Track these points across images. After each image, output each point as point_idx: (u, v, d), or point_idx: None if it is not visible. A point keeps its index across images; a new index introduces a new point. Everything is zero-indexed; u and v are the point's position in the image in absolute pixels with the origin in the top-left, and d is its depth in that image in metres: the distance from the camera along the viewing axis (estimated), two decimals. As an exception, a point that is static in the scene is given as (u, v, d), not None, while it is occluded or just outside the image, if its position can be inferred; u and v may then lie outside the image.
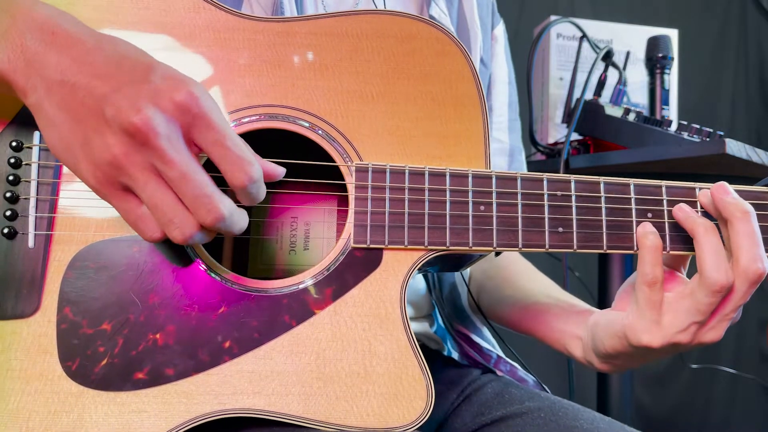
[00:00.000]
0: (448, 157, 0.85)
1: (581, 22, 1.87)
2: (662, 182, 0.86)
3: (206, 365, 0.77)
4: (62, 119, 0.68)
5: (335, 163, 0.83)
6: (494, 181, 0.84)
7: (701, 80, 3.20)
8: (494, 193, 0.83)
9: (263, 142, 0.81)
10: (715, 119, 3.25)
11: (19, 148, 0.79)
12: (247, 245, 0.97)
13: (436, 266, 0.93)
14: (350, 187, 0.82)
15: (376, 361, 0.78)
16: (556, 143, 1.83)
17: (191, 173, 0.67)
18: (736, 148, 1.37)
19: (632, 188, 0.86)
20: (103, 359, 0.76)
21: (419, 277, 1.13)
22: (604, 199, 0.85)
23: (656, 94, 1.79)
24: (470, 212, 0.83)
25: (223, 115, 0.69)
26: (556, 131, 1.94)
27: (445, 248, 0.82)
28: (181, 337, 0.77)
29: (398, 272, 0.81)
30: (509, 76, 1.28)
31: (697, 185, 0.87)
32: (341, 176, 0.83)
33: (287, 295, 0.80)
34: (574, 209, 0.84)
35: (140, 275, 0.78)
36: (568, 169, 1.64)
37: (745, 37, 3.35)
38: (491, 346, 1.16)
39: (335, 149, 0.83)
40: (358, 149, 0.83)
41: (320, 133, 0.84)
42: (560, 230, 0.84)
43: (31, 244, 0.78)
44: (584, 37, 1.84)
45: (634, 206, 0.85)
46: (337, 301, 0.80)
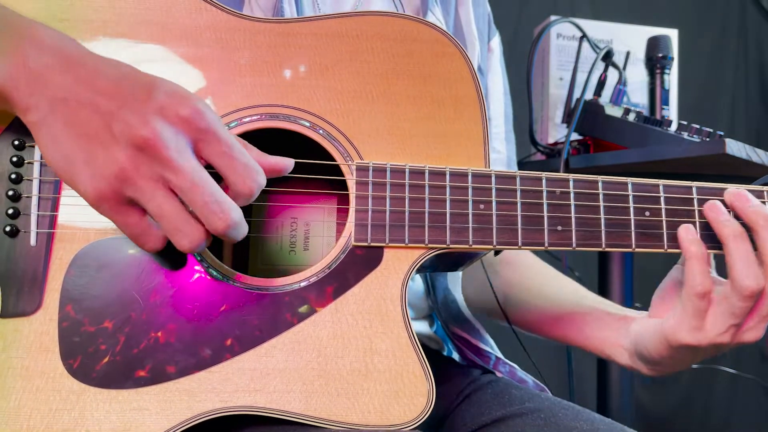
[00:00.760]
0: (447, 156, 0.85)
1: (581, 22, 1.87)
2: (659, 181, 0.87)
3: (208, 363, 0.77)
4: (66, 136, 0.69)
5: (336, 162, 0.84)
6: (494, 179, 0.84)
7: (701, 80, 3.20)
8: (494, 191, 0.84)
9: (264, 141, 0.81)
10: (715, 119, 3.25)
11: (21, 146, 0.79)
12: (247, 245, 0.97)
13: (436, 265, 0.93)
14: (351, 185, 0.83)
15: (377, 358, 0.79)
16: (556, 143, 1.84)
17: (202, 182, 0.69)
18: (736, 148, 1.37)
19: (630, 187, 0.86)
20: (104, 357, 0.76)
21: (418, 279, 1.13)
22: (602, 197, 0.85)
23: (656, 94, 1.80)
24: (470, 210, 0.83)
25: (225, 127, 0.71)
26: (556, 131, 1.94)
27: (445, 246, 0.83)
28: (182, 335, 0.78)
29: (399, 270, 0.82)
30: (505, 88, 1.29)
31: (694, 184, 0.87)
32: (342, 176, 0.84)
33: (289, 293, 0.80)
34: (572, 207, 0.85)
35: (142, 273, 0.79)
36: (568, 169, 1.64)
37: (745, 37, 3.35)
38: (490, 347, 1.17)
39: (336, 148, 0.83)
40: (358, 148, 0.84)
41: (321, 132, 0.84)
42: (559, 228, 0.84)
43: (33, 242, 0.78)
44: (584, 37, 1.84)
45: (632, 204, 0.86)
46: (338, 299, 0.80)
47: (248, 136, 0.80)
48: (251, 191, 0.71)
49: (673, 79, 1.85)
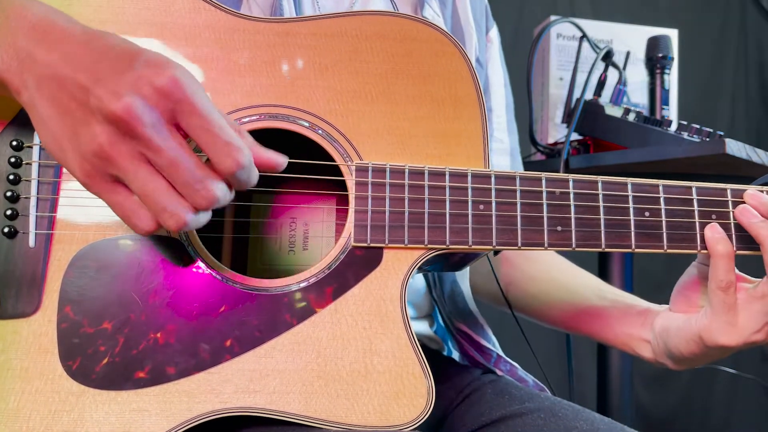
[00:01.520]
0: (447, 156, 0.85)
1: (581, 22, 1.87)
2: (659, 181, 0.87)
3: (207, 364, 0.77)
4: (52, 114, 0.67)
5: (335, 162, 0.83)
6: (493, 180, 0.84)
7: (701, 80, 3.20)
8: (493, 191, 0.84)
9: (263, 142, 0.81)
10: (715, 119, 3.25)
11: (19, 147, 0.79)
12: (246, 245, 0.97)
13: (435, 265, 0.93)
14: (350, 186, 0.83)
15: (376, 359, 0.79)
16: (556, 143, 1.83)
17: (180, 158, 0.66)
18: (736, 148, 1.37)
19: (630, 187, 0.86)
20: (103, 358, 0.76)
21: (419, 277, 1.13)
22: (602, 197, 0.85)
23: (656, 94, 1.79)
24: (470, 211, 0.83)
25: (208, 99, 0.68)
26: (556, 131, 1.94)
27: (444, 247, 0.82)
28: (182, 335, 0.78)
29: (398, 271, 0.81)
30: (504, 78, 1.29)
31: (694, 184, 0.87)
32: (341, 176, 0.83)
33: (288, 293, 0.80)
34: (572, 208, 0.85)
35: (141, 274, 0.78)
36: (568, 169, 1.64)
37: (745, 37, 3.35)
38: (492, 345, 1.16)
39: (335, 149, 0.83)
40: (358, 149, 0.83)
41: (320, 132, 0.84)
42: (559, 229, 0.84)
43: (31, 243, 0.78)
44: (584, 37, 1.83)
45: (631, 205, 0.86)
46: (337, 299, 0.80)
47: (247, 136, 0.80)
48: (230, 169, 0.67)
49: (673, 79, 1.85)
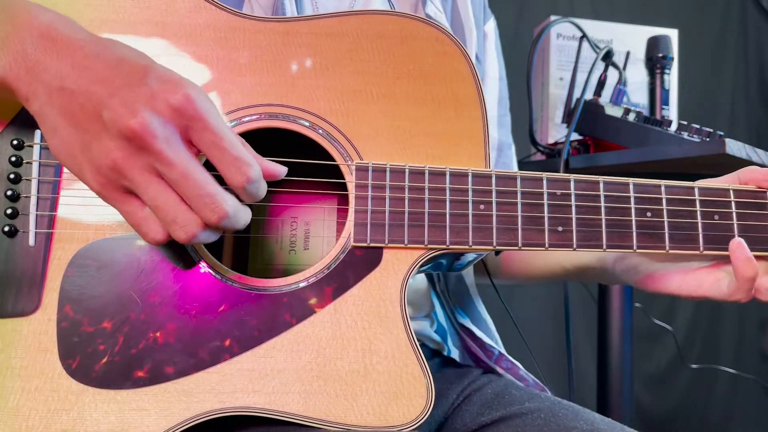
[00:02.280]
0: (448, 156, 0.85)
1: (581, 22, 1.87)
2: (661, 181, 0.87)
3: (206, 363, 0.77)
4: (63, 125, 0.68)
5: (336, 162, 0.83)
6: (494, 180, 0.84)
7: (701, 80, 3.21)
8: (494, 191, 0.84)
9: (263, 141, 0.81)
10: (715, 119, 3.25)
11: (20, 146, 0.79)
12: (247, 245, 0.97)
13: (435, 266, 0.93)
14: (350, 185, 0.83)
15: (376, 359, 0.79)
16: (556, 143, 1.83)
17: (192, 173, 0.67)
18: (736, 148, 1.37)
19: (631, 187, 0.86)
20: (103, 357, 0.76)
21: (419, 276, 1.13)
22: (603, 198, 0.85)
23: (656, 94, 1.79)
24: (470, 211, 0.83)
25: (220, 116, 0.69)
26: (556, 131, 1.94)
27: (445, 247, 0.82)
28: (181, 335, 0.78)
29: (398, 271, 0.81)
30: (500, 72, 1.29)
31: (696, 184, 0.87)
32: (342, 176, 0.83)
33: (287, 293, 0.80)
34: (573, 208, 0.85)
35: (141, 273, 0.78)
36: (568, 169, 1.64)
37: (745, 37, 3.35)
38: (494, 341, 1.17)
39: (335, 148, 0.83)
40: (358, 148, 0.83)
41: (321, 132, 0.84)
42: (560, 229, 0.84)
43: (31, 242, 0.78)
44: (584, 37, 1.83)
45: (633, 205, 0.85)
46: (337, 299, 0.80)
47: (248, 135, 0.80)
48: (241, 184, 0.69)
49: (673, 79, 1.85)
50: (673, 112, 1.87)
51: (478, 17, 1.23)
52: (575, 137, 1.72)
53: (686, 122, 1.47)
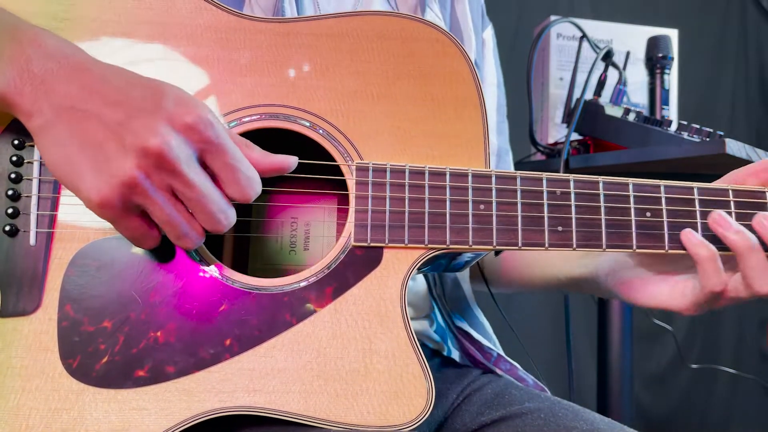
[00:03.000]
0: (448, 156, 0.85)
1: (581, 22, 1.87)
2: (660, 182, 0.87)
3: (207, 363, 0.77)
4: (71, 143, 0.70)
5: (336, 162, 0.83)
6: (494, 180, 0.84)
7: (701, 80, 3.20)
8: (494, 191, 0.84)
9: (264, 141, 0.81)
10: (715, 119, 3.25)
11: (21, 145, 0.79)
12: (247, 245, 0.97)
13: (435, 266, 0.93)
14: (351, 185, 0.83)
15: (376, 359, 0.79)
16: (556, 143, 1.83)
17: (209, 193, 0.72)
18: (736, 148, 1.37)
19: (631, 187, 0.86)
20: (103, 357, 0.77)
21: (419, 278, 1.13)
22: (603, 197, 0.85)
23: (656, 94, 1.79)
24: (470, 211, 0.83)
25: (227, 135, 0.73)
26: (556, 131, 1.94)
27: (445, 247, 0.82)
28: (181, 334, 0.78)
29: (399, 271, 0.82)
30: (498, 78, 1.29)
31: (696, 185, 0.87)
32: (342, 176, 0.84)
33: (288, 293, 0.80)
34: (573, 208, 0.85)
35: (141, 273, 0.79)
36: (568, 169, 1.64)
37: (745, 37, 3.35)
38: (492, 344, 1.17)
39: (336, 148, 0.83)
40: (358, 148, 0.84)
41: (321, 132, 0.84)
42: (560, 229, 0.84)
43: (32, 241, 0.78)
44: (584, 37, 1.83)
45: (632, 205, 0.86)
46: (337, 299, 0.80)
47: (248, 135, 0.80)
48: (248, 200, 0.74)
49: (673, 79, 1.85)
50: (673, 112, 1.87)
51: (476, 24, 1.24)
52: (575, 137, 1.72)
53: (686, 122, 1.47)
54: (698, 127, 1.45)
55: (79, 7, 0.82)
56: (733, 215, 0.87)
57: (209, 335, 0.78)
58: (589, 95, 1.70)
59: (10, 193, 0.78)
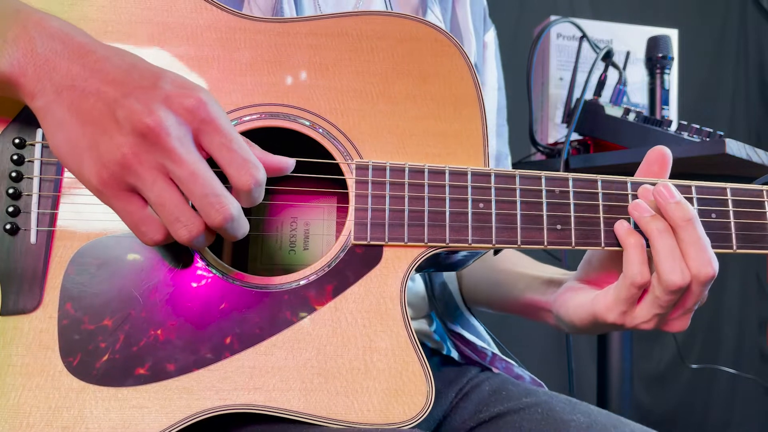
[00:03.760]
0: (447, 155, 0.85)
1: (581, 22, 1.87)
2: (658, 180, 0.87)
3: (207, 361, 0.77)
4: (70, 122, 0.69)
5: (336, 161, 0.84)
6: (493, 178, 0.84)
7: (701, 80, 3.21)
8: (493, 190, 0.84)
9: (264, 140, 0.81)
10: (715, 119, 3.25)
11: (22, 144, 0.79)
12: (247, 244, 0.97)
13: (435, 265, 0.93)
14: (351, 184, 0.83)
15: (376, 356, 0.79)
16: (556, 143, 1.84)
17: (201, 173, 0.69)
18: (736, 148, 1.37)
19: (629, 186, 0.86)
20: (104, 355, 0.77)
21: (417, 278, 1.14)
22: (601, 196, 0.85)
23: (656, 94, 1.80)
24: (469, 209, 0.83)
25: (229, 120, 0.71)
26: (556, 131, 1.94)
27: (444, 245, 0.83)
28: (182, 332, 0.78)
29: (398, 269, 0.82)
30: (498, 81, 1.30)
31: (693, 183, 0.88)
32: (342, 175, 0.84)
33: (288, 291, 0.80)
34: (572, 206, 0.85)
35: (141, 271, 0.79)
36: (568, 169, 1.64)
37: (745, 37, 3.36)
38: (486, 344, 1.17)
39: (336, 147, 0.84)
40: (358, 147, 0.84)
41: (321, 131, 0.84)
42: (558, 227, 0.84)
43: (33, 240, 0.78)
44: (584, 37, 1.84)
45: (631, 203, 0.86)
46: (337, 297, 0.80)
47: (248, 134, 0.80)
48: (248, 185, 0.70)
49: (673, 79, 1.85)
50: (673, 112, 1.87)
51: (477, 27, 1.24)
52: (575, 137, 1.72)
53: (686, 122, 1.48)
54: (698, 127, 1.45)
55: (79, 6, 0.82)
56: (730, 213, 0.87)
57: (209, 333, 0.78)
58: (589, 95, 1.71)
59: (10, 191, 0.78)
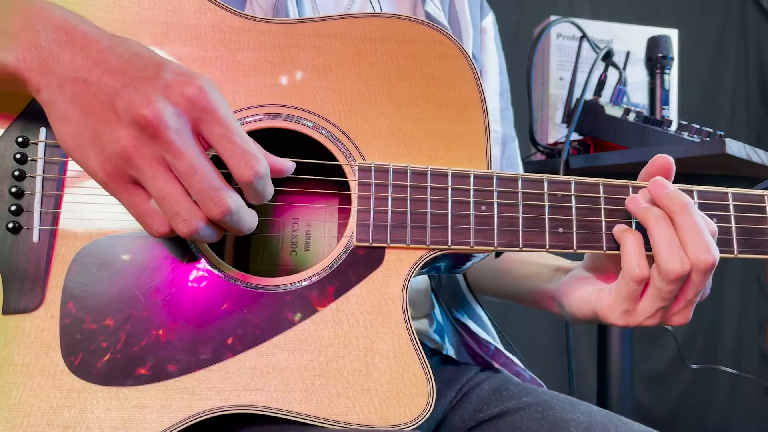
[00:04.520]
0: (449, 157, 0.85)
1: (581, 22, 1.87)
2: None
3: (208, 361, 0.77)
4: (74, 114, 0.69)
5: (338, 162, 0.84)
6: (495, 181, 0.84)
7: (701, 80, 3.21)
8: (495, 193, 0.84)
9: (267, 141, 0.81)
10: (715, 119, 3.25)
11: (25, 143, 0.79)
12: (248, 245, 0.97)
13: (436, 267, 0.93)
14: (353, 185, 0.83)
15: (377, 358, 0.79)
16: (556, 143, 1.84)
17: (199, 165, 0.68)
18: (736, 148, 1.37)
19: (630, 190, 0.86)
20: (105, 354, 0.77)
21: (419, 276, 1.14)
22: (603, 200, 0.86)
23: (656, 94, 1.80)
24: (471, 212, 0.83)
25: (230, 111, 0.70)
26: (556, 131, 1.94)
27: (446, 247, 0.83)
28: (183, 333, 0.78)
29: (400, 271, 0.82)
30: (500, 66, 1.29)
31: (695, 188, 0.88)
32: (344, 176, 0.84)
33: (290, 292, 0.80)
34: (573, 210, 0.85)
35: (144, 271, 0.79)
36: (568, 168, 1.64)
37: (745, 37, 3.35)
38: (491, 338, 1.17)
39: (338, 149, 0.84)
40: (361, 149, 0.84)
41: (324, 132, 0.84)
42: (560, 231, 0.85)
43: (35, 239, 0.78)
44: (584, 37, 1.84)
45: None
46: (339, 298, 0.80)
47: (251, 135, 0.80)
48: (249, 178, 0.70)
49: (673, 79, 1.85)
50: (673, 112, 1.87)
51: (474, 15, 1.24)
52: (575, 137, 1.72)
53: (686, 122, 1.47)
54: (698, 127, 1.45)
55: (84, 6, 0.82)
56: (732, 218, 0.87)
57: (211, 334, 0.78)
58: (589, 95, 1.71)
59: (13, 190, 0.78)
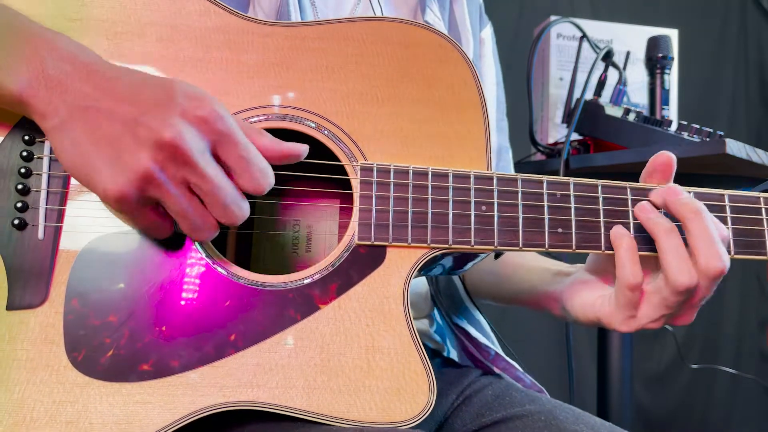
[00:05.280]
0: (450, 158, 0.86)
1: (581, 22, 1.88)
2: (657, 186, 0.87)
3: (211, 358, 0.78)
4: (87, 141, 0.71)
5: (341, 162, 0.84)
6: (495, 182, 0.85)
7: (701, 80, 3.21)
8: (495, 193, 0.85)
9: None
10: (715, 119, 3.25)
11: (31, 141, 0.80)
12: (250, 243, 0.98)
13: (438, 265, 0.94)
14: (355, 185, 0.84)
15: (379, 356, 0.79)
16: (556, 143, 1.84)
17: (223, 184, 0.73)
18: (736, 148, 1.37)
19: (629, 191, 0.87)
20: (109, 350, 0.77)
21: (419, 279, 1.14)
22: (601, 200, 0.86)
23: (656, 94, 1.80)
24: (472, 212, 0.84)
25: (240, 128, 0.74)
26: (556, 131, 1.94)
27: (447, 246, 0.83)
28: (186, 329, 0.78)
29: (401, 269, 0.82)
30: (497, 77, 1.30)
31: (692, 189, 0.88)
32: (346, 176, 0.85)
33: (293, 289, 0.81)
34: (573, 210, 0.86)
35: (147, 268, 0.79)
36: (568, 169, 1.64)
37: (745, 37, 3.36)
38: (490, 342, 1.17)
39: (341, 149, 0.84)
40: (363, 149, 0.85)
41: (326, 133, 0.85)
42: (560, 231, 0.85)
43: (40, 235, 0.79)
44: (584, 37, 1.84)
45: (630, 208, 0.87)
46: (341, 296, 0.81)
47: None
48: (261, 192, 0.76)
49: (673, 79, 1.85)
50: (673, 112, 1.87)
51: (474, 25, 1.25)
52: (575, 137, 1.72)
53: (686, 122, 1.48)
54: (698, 127, 1.45)
55: (89, 7, 0.83)
56: (728, 220, 0.88)
57: (214, 330, 0.79)
58: (589, 95, 1.71)
59: (19, 187, 0.79)
